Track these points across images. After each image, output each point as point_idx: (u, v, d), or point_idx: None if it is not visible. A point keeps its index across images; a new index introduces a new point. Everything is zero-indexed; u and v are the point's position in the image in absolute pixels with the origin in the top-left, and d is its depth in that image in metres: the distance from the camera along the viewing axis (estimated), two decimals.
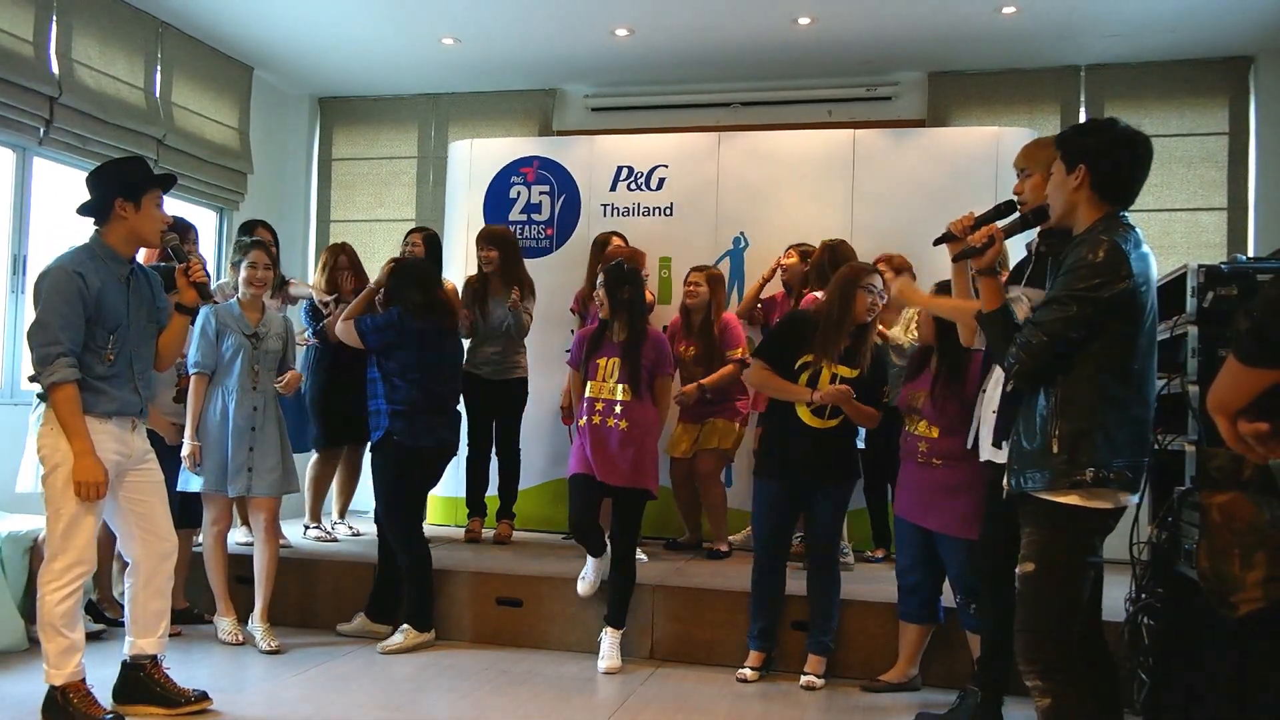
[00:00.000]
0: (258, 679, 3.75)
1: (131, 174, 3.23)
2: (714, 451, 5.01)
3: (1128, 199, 2.52)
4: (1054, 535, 2.46)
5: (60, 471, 3.07)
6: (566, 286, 5.48)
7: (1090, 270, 2.37)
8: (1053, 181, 2.59)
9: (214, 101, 6.26)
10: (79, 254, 3.15)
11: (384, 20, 5.81)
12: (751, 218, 5.67)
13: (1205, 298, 3.17)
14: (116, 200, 3.16)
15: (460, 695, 3.62)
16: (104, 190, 3.19)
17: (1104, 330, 2.39)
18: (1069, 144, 2.55)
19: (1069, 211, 2.54)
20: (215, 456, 4.13)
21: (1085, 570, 2.46)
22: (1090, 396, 2.41)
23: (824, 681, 3.80)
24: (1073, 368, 2.42)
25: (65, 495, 3.07)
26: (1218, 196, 5.93)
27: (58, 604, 3.09)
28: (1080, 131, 2.58)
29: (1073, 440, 2.41)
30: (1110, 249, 2.37)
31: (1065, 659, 2.41)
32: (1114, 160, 2.48)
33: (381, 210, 7.08)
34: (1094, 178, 2.47)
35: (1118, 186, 2.49)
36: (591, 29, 5.83)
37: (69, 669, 3.11)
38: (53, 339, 3.03)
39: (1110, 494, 2.43)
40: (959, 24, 5.59)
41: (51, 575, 3.10)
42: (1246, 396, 1.72)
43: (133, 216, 3.18)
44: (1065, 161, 2.53)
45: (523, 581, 4.34)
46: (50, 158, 5.19)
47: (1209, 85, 5.97)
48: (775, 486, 3.84)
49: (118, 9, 5.48)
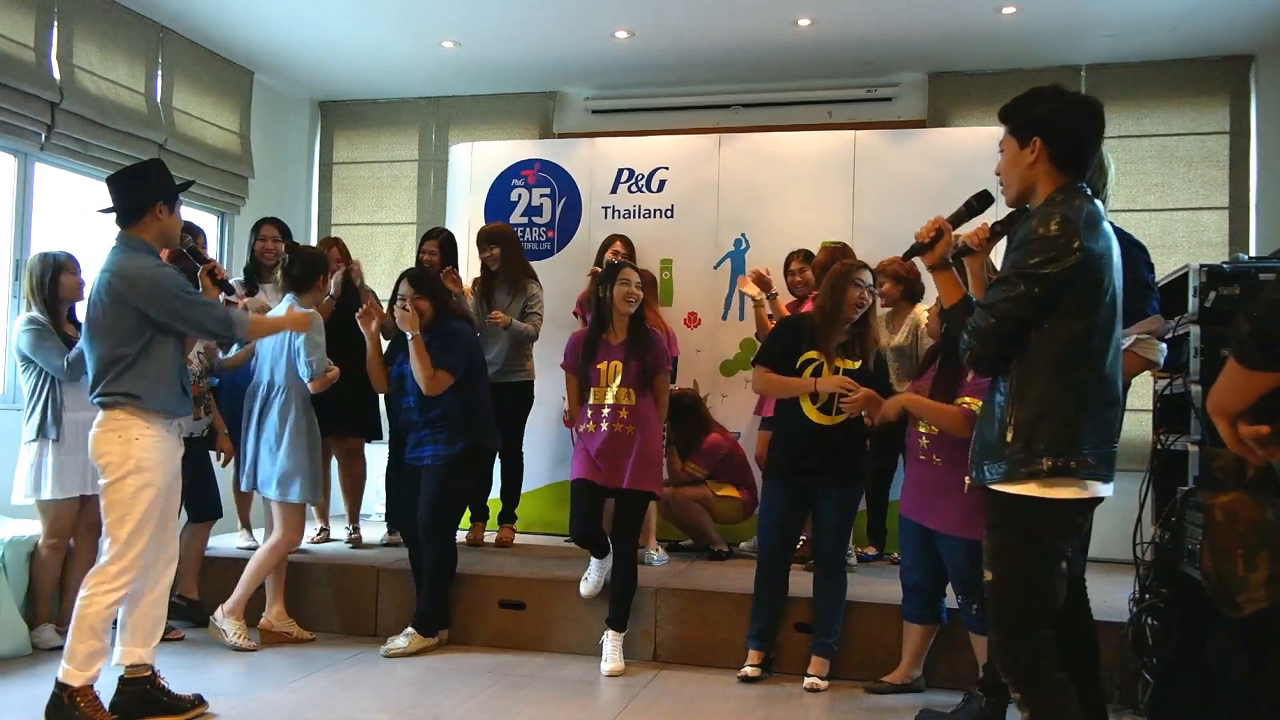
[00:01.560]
0: (260, 681, 3.75)
1: (169, 179, 3.35)
2: (703, 485, 5.08)
3: (1085, 168, 2.39)
4: (1010, 536, 2.33)
5: (131, 479, 3.11)
6: (568, 289, 5.48)
7: (1039, 245, 2.25)
8: (1005, 159, 2.44)
9: (215, 106, 6.27)
10: (140, 251, 3.21)
11: (384, 24, 5.81)
12: (752, 219, 5.67)
13: (1207, 297, 3.17)
14: (158, 204, 3.25)
15: (463, 698, 3.62)
16: (146, 193, 3.26)
17: (1058, 309, 2.26)
18: (1019, 116, 2.41)
19: (1027, 189, 2.41)
20: (316, 467, 4.29)
21: (1050, 571, 2.30)
22: (1046, 380, 2.28)
23: (828, 683, 3.80)
24: (1028, 350, 2.29)
25: (135, 502, 3.11)
26: (1219, 196, 5.92)
27: (105, 607, 3.11)
28: (1029, 102, 2.41)
29: (1029, 427, 2.28)
30: (1061, 221, 2.25)
31: (1040, 667, 2.29)
32: (1071, 129, 2.36)
33: (382, 214, 7.08)
34: (1051, 149, 2.34)
35: (1077, 155, 2.36)
36: (591, 31, 5.83)
37: (90, 672, 3.11)
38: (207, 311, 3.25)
39: (1072, 483, 2.27)
40: (959, 24, 5.59)
41: (105, 578, 3.11)
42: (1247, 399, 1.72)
43: (165, 219, 3.28)
44: (1016, 136, 2.40)
45: (525, 584, 4.34)
46: (51, 163, 5.20)
47: (1210, 84, 5.96)
48: (782, 488, 3.84)
49: (118, 14, 5.49)
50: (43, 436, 3.99)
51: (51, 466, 3.98)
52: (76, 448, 3.99)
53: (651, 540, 4.88)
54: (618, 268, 4.17)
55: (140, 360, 3.16)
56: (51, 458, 3.99)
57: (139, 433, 3.15)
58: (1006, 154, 2.44)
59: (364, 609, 4.51)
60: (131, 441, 3.13)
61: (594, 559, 4.13)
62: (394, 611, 4.43)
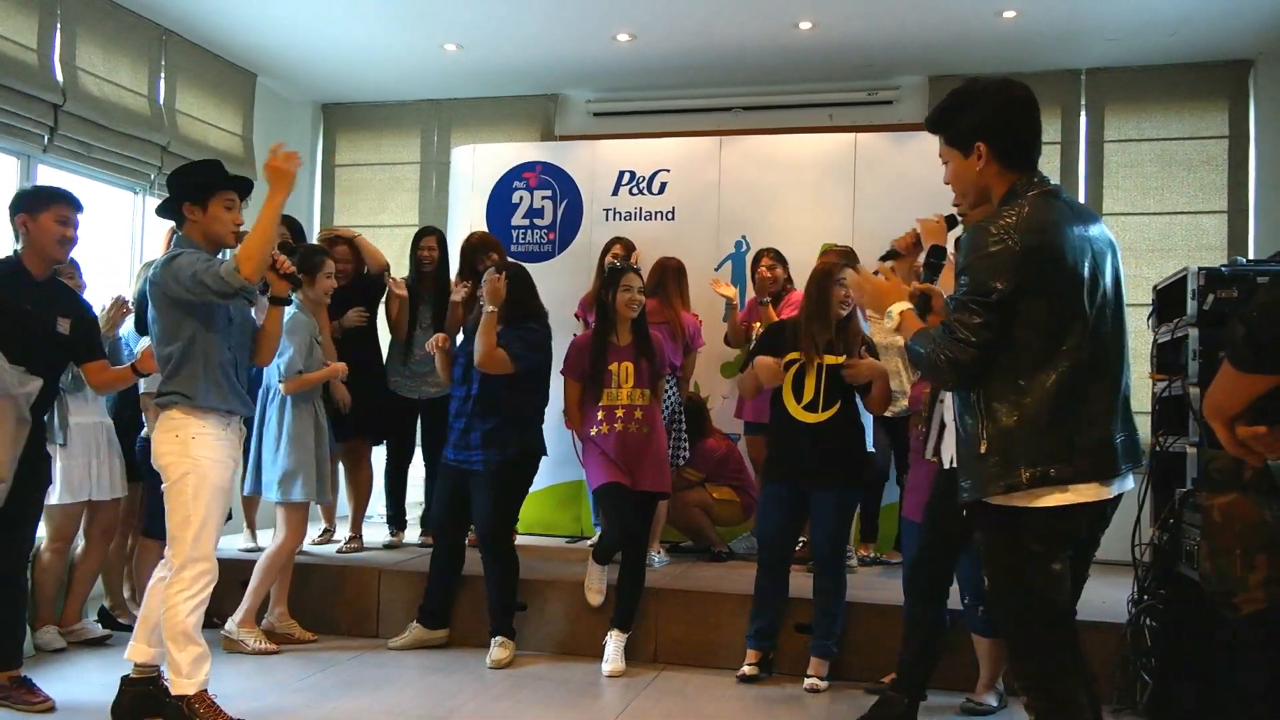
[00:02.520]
0: (263, 682, 3.76)
1: (198, 177, 3.29)
2: (700, 488, 5.09)
3: (1033, 158, 2.27)
4: (1000, 545, 2.21)
5: (189, 479, 3.09)
6: (569, 291, 5.49)
7: (979, 268, 2.13)
8: (952, 170, 2.32)
9: (218, 108, 6.29)
10: (179, 247, 3.21)
11: (387, 26, 5.83)
12: (753, 221, 5.68)
13: (1206, 300, 3.19)
14: (184, 204, 3.23)
15: (465, 699, 3.63)
16: (174, 193, 3.27)
17: (1018, 317, 2.11)
18: (952, 125, 2.32)
19: (982, 196, 2.30)
20: (320, 466, 4.24)
21: (1039, 575, 2.15)
22: (1014, 389, 2.13)
23: (828, 684, 3.81)
24: (996, 360, 2.14)
25: (196, 502, 3.09)
26: (1218, 199, 5.94)
27: (189, 613, 3.08)
28: (958, 109, 2.32)
29: (1003, 438, 2.14)
30: (996, 233, 2.12)
31: (1047, 674, 2.19)
32: (1013, 126, 2.26)
33: (385, 216, 7.09)
34: (994, 150, 2.24)
35: (1022, 149, 2.26)
36: (593, 34, 5.85)
37: (200, 677, 3.10)
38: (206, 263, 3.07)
39: (1053, 490, 2.11)
40: (959, 28, 5.61)
41: (182, 584, 3.09)
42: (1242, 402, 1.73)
43: (200, 218, 3.24)
44: (957, 146, 2.30)
45: (527, 585, 4.34)
46: (54, 165, 5.21)
47: (1209, 89, 5.97)
48: (778, 489, 3.86)
49: (121, 16, 5.50)
50: (49, 442, 4.00)
51: (60, 472, 3.99)
52: (82, 452, 4.03)
53: (655, 542, 4.90)
54: (620, 272, 4.19)
55: (187, 358, 3.15)
56: (60, 463, 3.99)
57: (195, 431, 3.13)
58: (952, 165, 2.33)
59: (366, 610, 4.52)
60: (188, 441, 3.11)
61: (599, 566, 4.13)
62: (396, 612, 4.44)
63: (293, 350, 4.15)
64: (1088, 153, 6.10)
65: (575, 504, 5.61)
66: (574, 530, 5.63)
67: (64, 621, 4.20)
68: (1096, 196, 6.03)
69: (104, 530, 4.24)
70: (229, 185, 3.29)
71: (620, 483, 4.01)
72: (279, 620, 4.29)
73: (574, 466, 5.08)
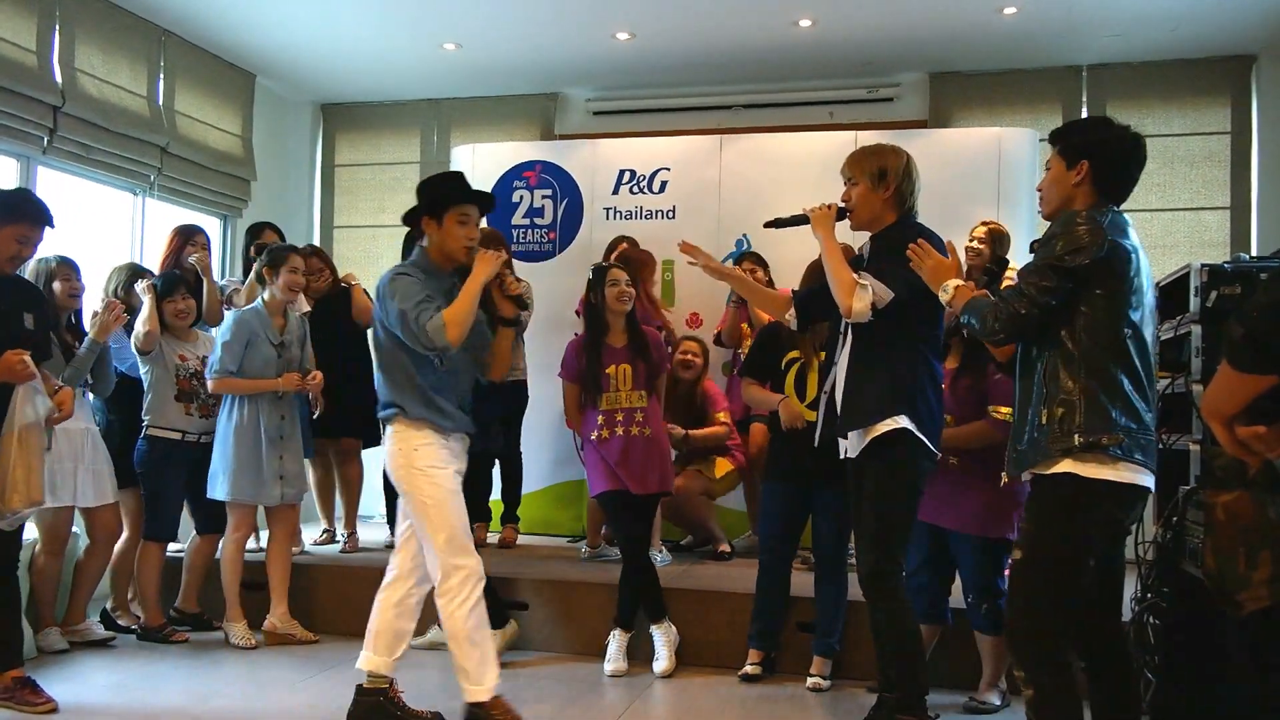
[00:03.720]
0: (266, 683, 3.76)
1: (436, 190, 3.27)
2: (698, 475, 5.00)
3: (1123, 198, 2.56)
4: (1043, 519, 2.44)
5: (423, 486, 3.10)
6: (569, 290, 5.48)
7: (1067, 239, 2.41)
8: (1049, 176, 2.59)
9: (217, 109, 6.28)
10: (413, 263, 3.24)
11: (386, 26, 5.82)
12: (754, 220, 5.59)
13: (1208, 297, 3.17)
14: (423, 217, 3.24)
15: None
16: (418, 203, 3.25)
17: (1085, 300, 2.41)
18: (1070, 139, 2.57)
19: (1064, 204, 2.55)
20: (247, 464, 4.16)
21: (1077, 554, 2.40)
22: (1078, 370, 2.41)
23: (830, 683, 3.80)
24: (1059, 343, 2.43)
25: (437, 512, 3.09)
26: (1220, 196, 5.93)
27: (465, 619, 3.06)
28: (1083, 128, 2.64)
29: (1063, 411, 2.40)
30: (1087, 219, 2.41)
31: (1048, 649, 2.38)
32: (1120, 157, 2.52)
33: (384, 216, 7.08)
34: (1096, 173, 2.49)
35: (1119, 184, 2.54)
36: (593, 33, 5.84)
37: (490, 680, 3.09)
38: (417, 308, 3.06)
39: (1105, 461, 2.37)
40: (960, 25, 5.60)
41: (451, 591, 3.07)
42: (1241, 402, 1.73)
43: (435, 232, 3.21)
44: (1065, 156, 2.54)
45: (528, 585, 4.34)
46: (54, 167, 5.21)
47: (1211, 84, 5.96)
48: (780, 488, 3.85)
49: (120, 18, 5.50)
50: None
51: (45, 475, 3.95)
52: (67, 456, 3.96)
53: (656, 540, 4.89)
54: (604, 270, 4.19)
55: (390, 372, 3.18)
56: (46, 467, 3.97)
57: (417, 443, 3.13)
58: (1052, 171, 2.58)
59: (367, 610, 4.49)
60: (411, 453, 3.13)
61: (622, 633, 4.04)
62: None
63: (221, 350, 4.16)
64: None
65: (576, 504, 5.60)
66: (574, 530, 5.62)
67: (68, 622, 4.19)
68: None
69: (107, 532, 4.23)
70: (465, 199, 3.23)
71: (618, 489, 4.01)
72: (281, 620, 4.29)
73: (574, 466, 5.08)
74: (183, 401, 4.29)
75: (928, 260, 2.79)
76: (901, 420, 2.94)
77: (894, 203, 3.08)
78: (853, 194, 3.13)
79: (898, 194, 3.06)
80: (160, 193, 5.83)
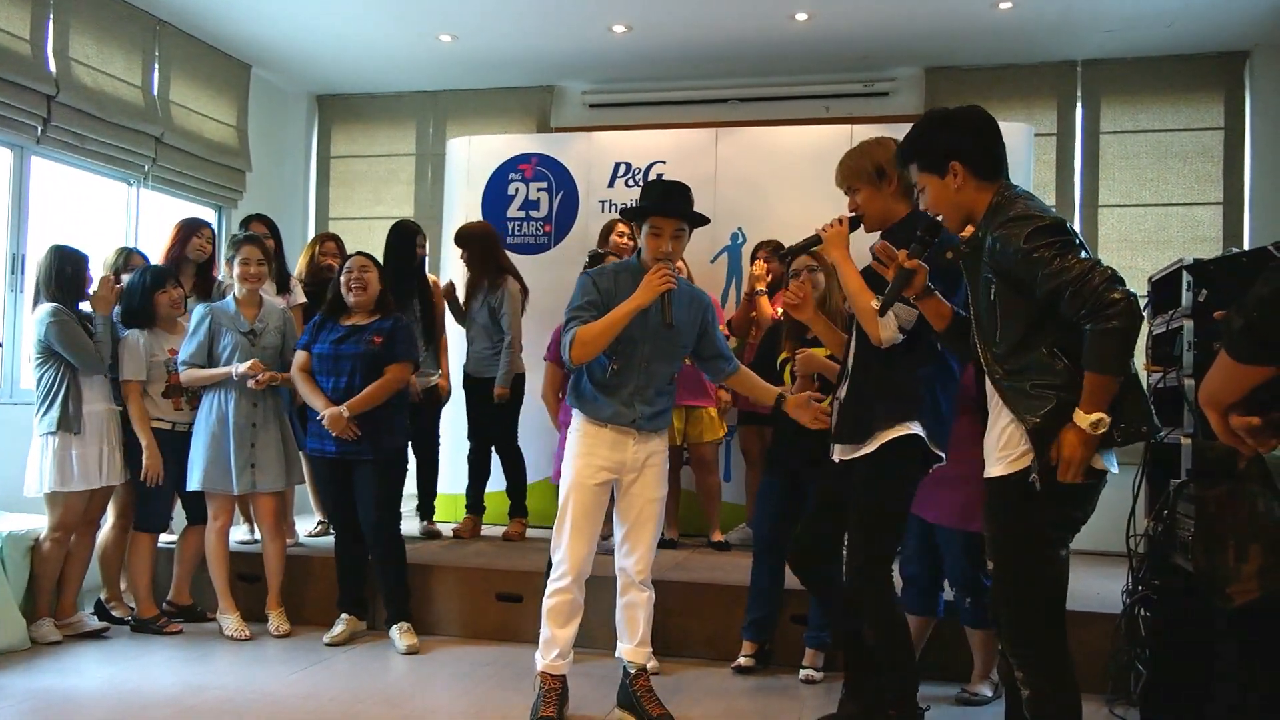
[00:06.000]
0: (259, 674, 3.76)
1: (643, 198, 3.42)
2: (710, 444, 5.04)
3: (1004, 169, 2.45)
4: (1001, 521, 2.38)
5: (566, 474, 3.25)
6: (565, 282, 5.44)
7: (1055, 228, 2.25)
8: (931, 194, 2.49)
9: (212, 99, 6.27)
10: (599, 275, 3.37)
11: (382, 17, 5.81)
12: (749, 213, 5.67)
13: (1200, 292, 3.19)
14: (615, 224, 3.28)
15: (461, 691, 3.64)
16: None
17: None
18: (925, 149, 2.48)
19: (966, 213, 2.46)
20: (214, 454, 4.18)
21: (1045, 552, 2.32)
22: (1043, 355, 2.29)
23: (822, 675, 3.82)
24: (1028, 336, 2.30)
25: (565, 497, 3.24)
26: (1213, 191, 5.94)
27: (545, 600, 3.28)
28: (926, 134, 2.50)
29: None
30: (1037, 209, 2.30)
31: (1047, 653, 2.32)
32: (979, 141, 2.43)
33: (380, 208, 7.08)
34: (971, 166, 2.41)
35: (993, 163, 2.43)
36: (589, 25, 5.83)
37: (545, 662, 3.28)
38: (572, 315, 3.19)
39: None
40: (956, 19, 5.60)
41: (552, 577, 3.27)
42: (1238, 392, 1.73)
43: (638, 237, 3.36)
44: (933, 169, 2.46)
45: (523, 577, 4.35)
46: (48, 156, 5.20)
47: (1205, 80, 5.98)
48: (774, 482, 3.86)
49: (115, 7, 5.48)
50: (65, 430, 4.01)
51: (76, 460, 4.02)
52: (93, 440, 4.07)
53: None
54: (599, 258, 4.22)
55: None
56: (75, 450, 4.03)
57: (579, 430, 3.28)
58: (931, 190, 2.49)
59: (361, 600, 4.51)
60: (571, 438, 3.29)
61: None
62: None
63: (185, 342, 4.24)
64: (1083, 144, 6.10)
65: None
66: None
67: (59, 614, 4.19)
68: (1092, 188, 6.03)
69: (89, 520, 4.24)
70: (659, 211, 3.40)
71: None
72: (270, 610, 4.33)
73: None
74: (171, 396, 4.30)
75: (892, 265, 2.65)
76: (913, 427, 2.87)
77: (900, 192, 2.97)
78: (858, 200, 3.04)
79: (902, 183, 2.95)
80: (155, 183, 5.82)
